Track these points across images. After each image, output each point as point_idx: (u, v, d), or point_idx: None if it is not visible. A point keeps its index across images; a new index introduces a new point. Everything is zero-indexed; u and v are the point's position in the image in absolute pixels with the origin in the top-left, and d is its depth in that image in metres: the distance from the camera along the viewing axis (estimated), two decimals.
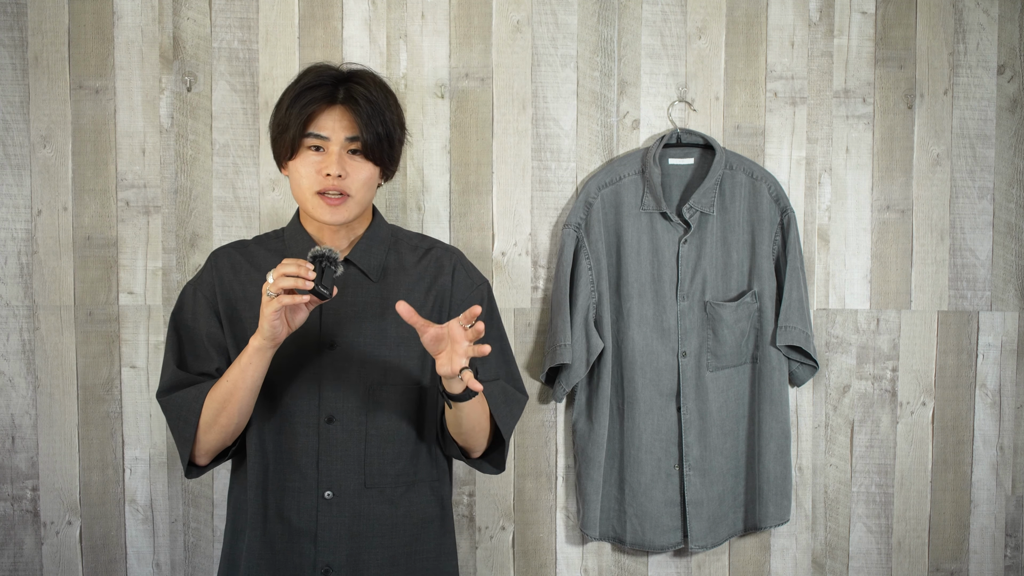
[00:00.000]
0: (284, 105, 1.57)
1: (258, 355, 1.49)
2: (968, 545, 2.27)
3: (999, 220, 2.24)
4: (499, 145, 2.18)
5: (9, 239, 2.13)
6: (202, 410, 1.55)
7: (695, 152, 2.17)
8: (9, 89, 2.11)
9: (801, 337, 2.14)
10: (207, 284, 1.63)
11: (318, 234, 1.63)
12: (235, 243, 1.70)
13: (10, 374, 2.14)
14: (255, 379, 1.52)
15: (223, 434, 1.57)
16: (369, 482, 1.60)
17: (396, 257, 1.67)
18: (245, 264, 1.65)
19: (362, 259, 1.63)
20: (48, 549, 2.16)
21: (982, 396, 2.26)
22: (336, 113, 1.55)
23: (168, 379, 1.61)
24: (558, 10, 2.17)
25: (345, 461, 1.59)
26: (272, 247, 1.67)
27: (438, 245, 1.72)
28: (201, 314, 1.62)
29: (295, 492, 1.59)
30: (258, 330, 1.47)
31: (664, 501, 2.14)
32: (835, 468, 2.25)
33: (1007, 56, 2.23)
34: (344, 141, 1.55)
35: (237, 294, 1.62)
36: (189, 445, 1.57)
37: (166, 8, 2.13)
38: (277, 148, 1.60)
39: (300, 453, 1.59)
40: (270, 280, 1.42)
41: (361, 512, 1.60)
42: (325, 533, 1.59)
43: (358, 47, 2.15)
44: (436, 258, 1.69)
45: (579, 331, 2.11)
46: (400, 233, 1.72)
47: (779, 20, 2.20)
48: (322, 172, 1.54)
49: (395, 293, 1.63)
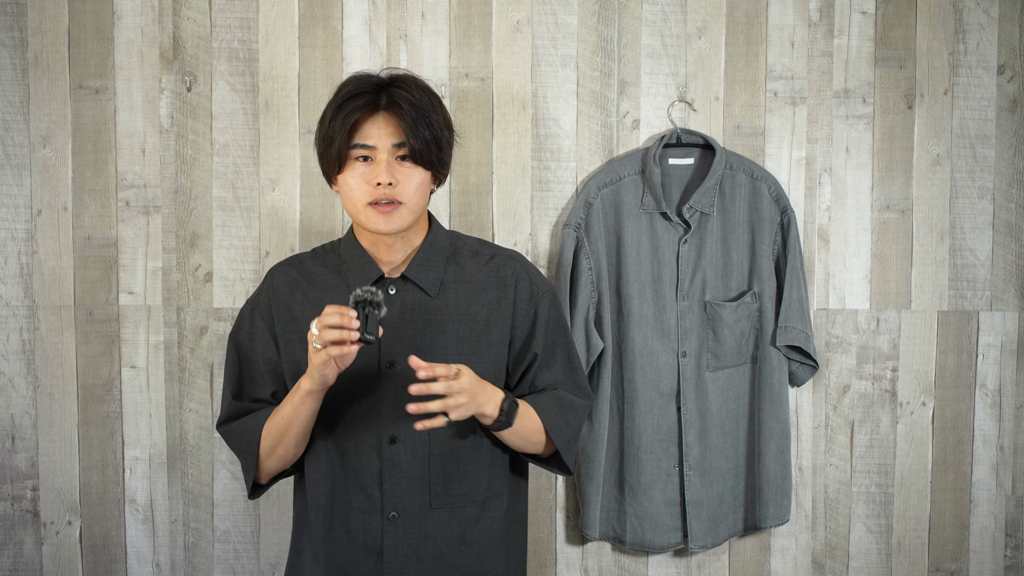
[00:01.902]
0: (327, 119, 1.53)
1: (310, 397, 1.48)
2: (968, 545, 2.27)
3: (999, 220, 2.24)
4: (499, 145, 2.18)
5: (9, 239, 2.13)
6: (260, 441, 1.56)
7: (695, 152, 2.17)
8: (9, 89, 2.11)
9: (801, 337, 2.14)
10: (264, 305, 1.61)
11: (373, 248, 1.59)
12: (291, 259, 1.66)
13: (10, 374, 2.14)
14: (308, 417, 1.52)
15: (282, 461, 1.58)
16: (435, 502, 1.58)
17: (456, 268, 1.62)
18: (302, 282, 1.61)
19: (419, 275, 1.58)
20: (48, 549, 2.16)
21: (982, 396, 2.26)
22: (380, 120, 1.51)
23: (226, 410, 1.62)
24: (558, 10, 2.17)
25: (410, 482, 1.57)
26: (328, 263, 1.63)
27: (500, 252, 1.66)
28: (258, 336, 1.60)
29: (360, 512, 1.58)
30: (308, 375, 1.45)
31: (664, 501, 2.14)
32: (835, 468, 2.25)
33: (1007, 56, 2.23)
34: (391, 148, 1.51)
35: (294, 315, 1.59)
36: (252, 472, 1.59)
37: (166, 8, 2.13)
38: (325, 164, 1.56)
39: (364, 474, 1.57)
40: (315, 331, 1.40)
41: (427, 532, 1.57)
42: (391, 554, 1.57)
43: (358, 47, 2.15)
44: (498, 267, 1.64)
45: (579, 331, 2.11)
46: (459, 240, 1.66)
47: (779, 20, 2.20)
48: (372, 182, 1.50)
49: (455, 307, 1.59)
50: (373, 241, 1.59)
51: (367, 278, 1.58)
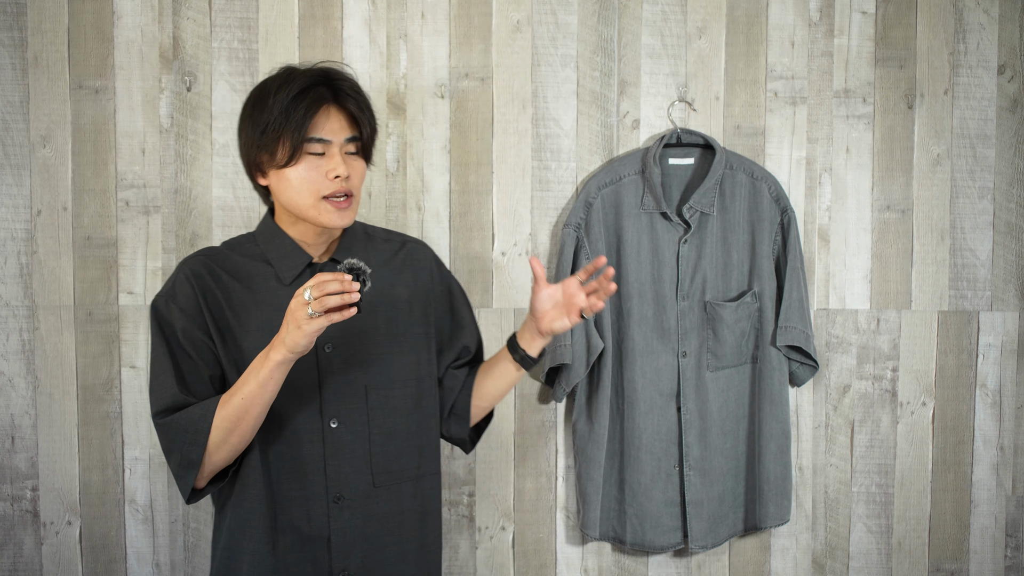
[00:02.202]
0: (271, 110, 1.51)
1: (280, 369, 1.46)
2: (968, 545, 2.27)
3: (999, 220, 2.24)
4: (499, 145, 2.18)
5: (9, 239, 2.13)
6: (211, 430, 1.50)
7: (695, 152, 2.17)
8: (9, 89, 2.11)
9: (801, 337, 2.14)
10: (184, 295, 1.57)
11: (302, 237, 1.60)
12: (205, 251, 1.64)
13: (10, 374, 2.13)
14: (274, 392, 1.49)
15: (232, 452, 1.53)
16: (377, 481, 1.60)
17: (375, 254, 1.67)
18: (223, 273, 1.60)
19: (344, 257, 1.62)
20: (48, 549, 2.16)
21: (982, 396, 2.26)
22: (333, 114, 1.54)
23: (167, 399, 1.54)
24: (558, 10, 2.17)
25: (353, 463, 1.58)
26: (248, 253, 1.63)
27: (409, 239, 1.74)
28: (181, 326, 1.56)
29: (304, 500, 1.57)
30: (284, 345, 1.43)
31: (664, 501, 2.14)
32: (835, 468, 2.25)
33: (1007, 56, 2.23)
34: (343, 142, 1.54)
35: (222, 303, 1.58)
36: (195, 468, 1.52)
37: (166, 8, 2.13)
38: (260, 156, 1.55)
39: (307, 460, 1.57)
40: (308, 297, 1.38)
41: (372, 512, 1.60)
42: (339, 538, 1.58)
43: (358, 47, 2.15)
44: (410, 252, 1.71)
45: (579, 331, 2.11)
46: (370, 229, 1.72)
47: (779, 20, 2.20)
48: (329, 175, 1.52)
49: (380, 289, 1.63)
50: (303, 230, 1.60)
51: (297, 264, 1.59)
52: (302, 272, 1.60)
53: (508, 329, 2.18)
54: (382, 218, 2.16)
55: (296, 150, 1.51)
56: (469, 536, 2.21)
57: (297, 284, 1.59)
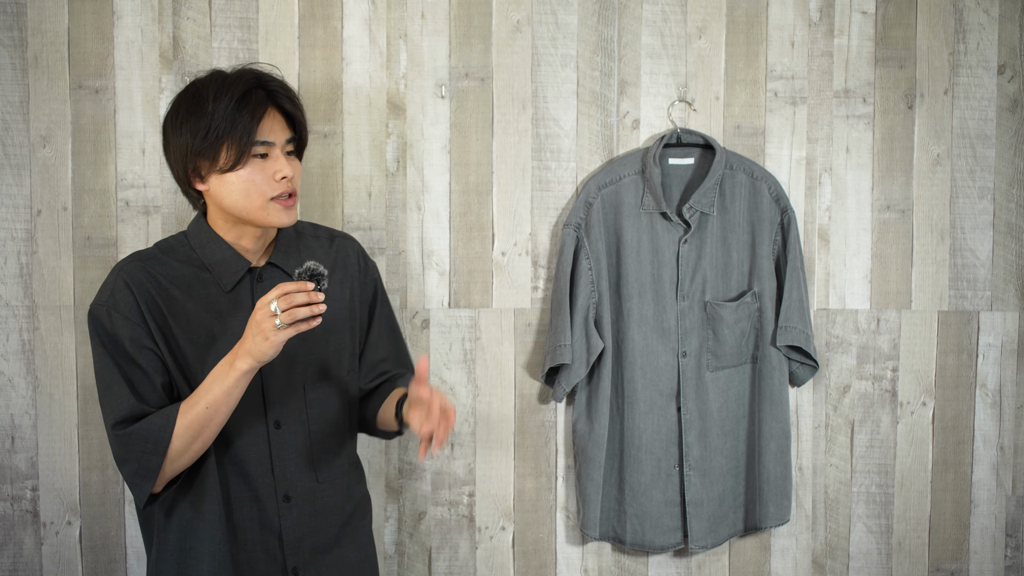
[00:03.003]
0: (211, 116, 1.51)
1: (246, 377, 1.47)
2: (968, 545, 2.27)
3: (999, 220, 2.24)
4: (499, 145, 2.18)
5: (9, 239, 2.12)
6: (172, 439, 1.49)
7: (695, 152, 2.17)
8: (9, 89, 2.11)
9: (801, 337, 2.14)
10: (126, 303, 1.54)
11: (237, 240, 1.61)
12: (140, 255, 1.62)
13: (10, 374, 2.13)
14: (238, 400, 1.51)
15: (193, 457, 1.53)
16: (320, 477, 1.65)
17: (307, 252, 1.70)
18: (162, 279, 1.58)
19: (284, 261, 1.65)
20: (48, 549, 2.16)
21: (982, 396, 2.26)
22: (273, 116, 1.57)
23: (124, 410, 1.52)
24: (558, 10, 2.17)
25: (297, 462, 1.63)
26: (184, 258, 1.62)
27: (337, 234, 1.77)
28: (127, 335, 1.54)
29: (255, 500, 1.60)
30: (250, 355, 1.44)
31: (664, 501, 2.14)
32: (835, 468, 2.25)
33: (1007, 56, 2.23)
34: (284, 143, 1.58)
35: (164, 311, 1.57)
36: (154, 477, 1.51)
37: (166, 8, 2.13)
38: (197, 162, 1.54)
39: (254, 463, 1.60)
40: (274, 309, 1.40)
41: (317, 508, 1.65)
42: (289, 535, 1.62)
43: (358, 47, 2.15)
44: (341, 247, 1.75)
45: (579, 331, 2.11)
46: (298, 224, 1.75)
47: (779, 20, 2.20)
48: (276, 176, 1.55)
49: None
50: (240, 234, 1.61)
51: (236, 269, 1.61)
52: (242, 278, 1.61)
53: (508, 329, 2.18)
54: (382, 218, 2.16)
55: (242, 154, 1.52)
56: (469, 536, 2.21)
57: (238, 290, 1.60)
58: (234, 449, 1.60)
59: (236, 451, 1.59)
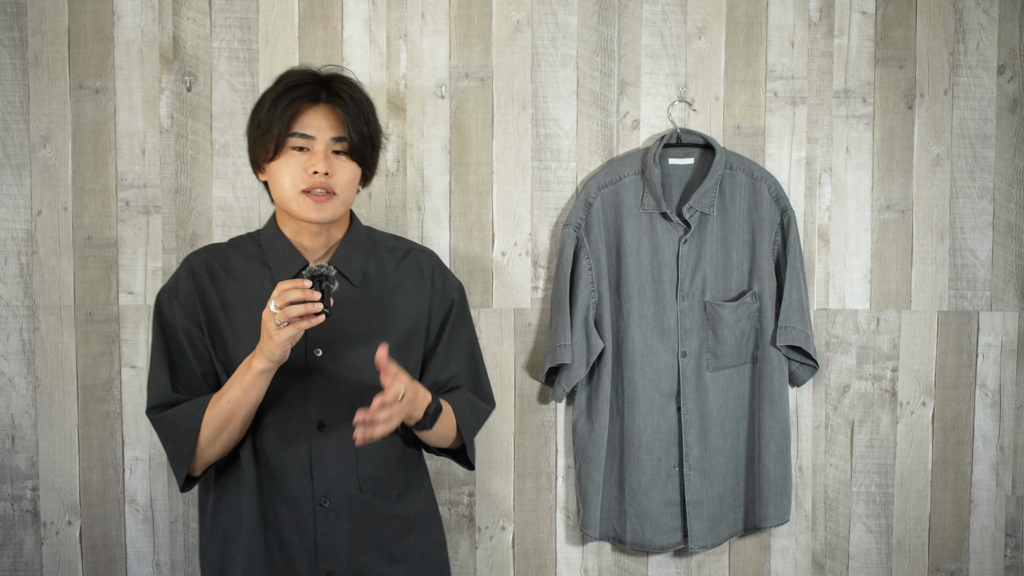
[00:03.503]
0: (264, 107, 1.55)
1: (262, 377, 1.49)
2: (968, 545, 2.27)
3: (999, 220, 2.24)
4: (499, 145, 2.18)
5: (9, 239, 2.13)
6: (201, 428, 1.54)
7: (695, 152, 2.17)
8: (9, 89, 2.11)
9: (801, 337, 2.14)
10: (184, 292, 1.61)
11: (296, 237, 1.62)
12: (210, 248, 1.67)
13: (10, 374, 2.14)
14: (258, 398, 1.52)
15: (224, 449, 1.57)
16: (364, 486, 1.61)
17: (376, 261, 1.67)
18: (222, 272, 1.62)
19: (344, 264, 1.63)
20: (48, 549, 2.16)
21: (982, 396, 2.26)
22: (320, 112, 1.55)
23: (160, 396, 1.59)
24: (558, 10, 2.17)
25: (339, 467, 1.60)
26: (249, 252, 1.65)
27: (415, 247, 1.73)
28: (180, 323, 1.59)
29: (291, 501, 1.59)
30: (263, 354, 1.46)
31: (664, 501, 2.14)
32: (835, 468, 2.25)
33: (1007, 56, 2.23)
34: (329, 141, 1.55)
35: (216, 302, 1.60)
36: (188, 462, 1.57)
37: (166, 8, 2.13)
38: (256, 152, 1.58)
39: (293, 463, 1.59)
40: (274, 308, 1.41)
41: (358, 517, 1.61)
42: (324, 540, 1.59)
43: (358, 47, 2.15)
44: (415, 260, 1.70)
45: (579, 331, 2.11)
46: (376, 236, 1.72)
47: (779, 20, 2.20)
48: (308, 170, 1.53)
49: (377, 298, 1.64)
50: (297, 230, 1.62)
51: (292, 267, 1.60)
52: (297, 275, 1.60)
53: (508, 329, 2.18)
54: (382, 218, 2.16)
55: (280, 144, 1.53)
56: (469, 536, 2.21)
57: None
58: (276, 447, 1.59)
59: (276, 449, 1.59)
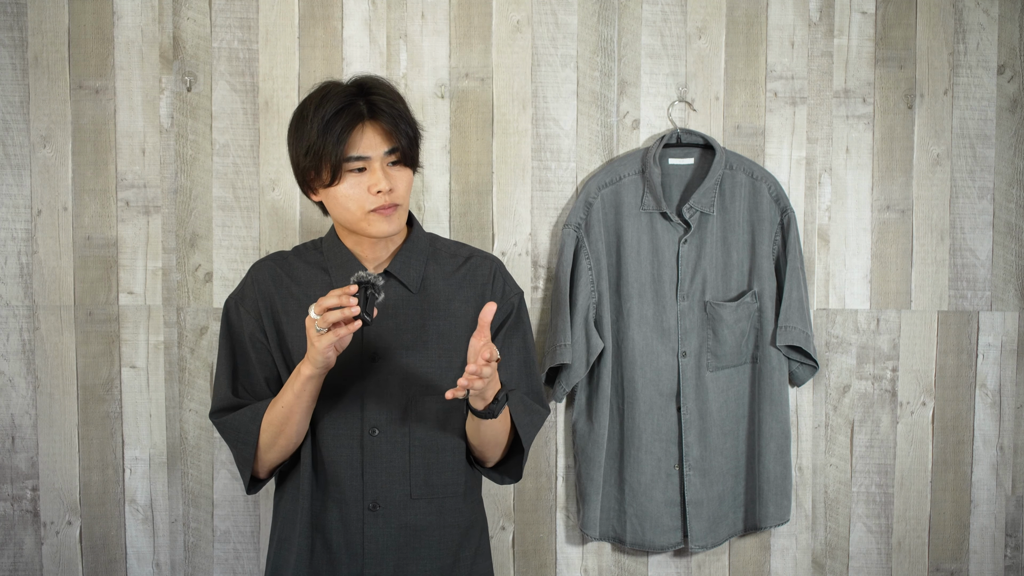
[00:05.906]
0: (311, 133, 1.53)
1: (311, 383, 1.51)
2: (968, 545, 2.27)
3: (999, 220, 2.24)
4: (499, 145, 2.18)
5: (9, 239, 2.13)
6: (260, 432, 1.57)
7: (695, 152, 2.17)
8: (9, 89, 2.11)
9: (801, 337, 2.14)
10: (250, 299, 1.64)
11: (356, 247, 1.63)
12: (274, 256, 1.70)
13: (10, 374, 2.14)
14: (310, 403, 1.54)
15: (284, 452, 1.59)
16: (415, 493, 1.61)
17: (435, 267, 1.67)
18: (285, 278, 1.65)
19: (402, 271, 1.63)
20: (48, 549, 2.16)
21: (982, 396, 2.26)
22: (368, 130, 1.54)
23: (221, 401, 1.63)
24: (558, 10, 2.17)
25: (390, 472, 1.60)
26: (311, 260, 1.67)
27: (476, 253, 1.71)
28: (247, 328, 1.63)
29: (341, 504, 1.60)
30: (308, 360, 1.48)
31: (664, 501, 2.14)
32: (835, 468, 2.25)
33: (1007, 56, 2.23)
34: (383, 155, 1.55)
35: (279, 308, 1.63)
36: (250, 465, 1.61)
37: (166, 8, 2.13)
38: (310, 176, 1.57)
39: (344, 465, 1.60)
40: (314, 315, 1.42)
41: (407, 523, 1.61)
42: (371, 545, 1.60)
43: (358, 47, 2.15)
44: (475, 266, 1.69)
45: (579, 331, 2.11)
46: (438, 242, 1.71)
47: (779, 20, 2.20)
48: (372, 190, 1.54)
49: (435, 304, 1.64)
50: (357, 240, 1.63)
51: (350, 274, 1.60)
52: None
53: None
54: None
55: (337, 170, 1.53)
56: None
57: None
58: (329, 450, 1.60)
59: (330, 452, 1.60)
